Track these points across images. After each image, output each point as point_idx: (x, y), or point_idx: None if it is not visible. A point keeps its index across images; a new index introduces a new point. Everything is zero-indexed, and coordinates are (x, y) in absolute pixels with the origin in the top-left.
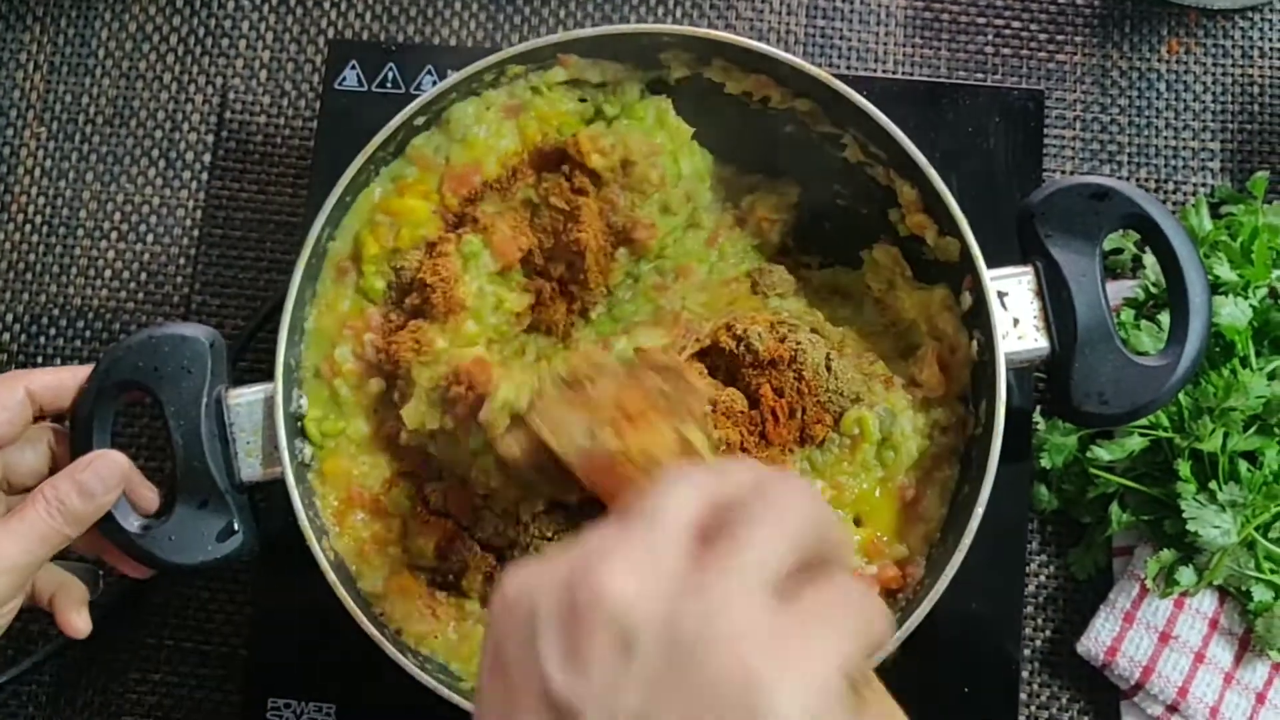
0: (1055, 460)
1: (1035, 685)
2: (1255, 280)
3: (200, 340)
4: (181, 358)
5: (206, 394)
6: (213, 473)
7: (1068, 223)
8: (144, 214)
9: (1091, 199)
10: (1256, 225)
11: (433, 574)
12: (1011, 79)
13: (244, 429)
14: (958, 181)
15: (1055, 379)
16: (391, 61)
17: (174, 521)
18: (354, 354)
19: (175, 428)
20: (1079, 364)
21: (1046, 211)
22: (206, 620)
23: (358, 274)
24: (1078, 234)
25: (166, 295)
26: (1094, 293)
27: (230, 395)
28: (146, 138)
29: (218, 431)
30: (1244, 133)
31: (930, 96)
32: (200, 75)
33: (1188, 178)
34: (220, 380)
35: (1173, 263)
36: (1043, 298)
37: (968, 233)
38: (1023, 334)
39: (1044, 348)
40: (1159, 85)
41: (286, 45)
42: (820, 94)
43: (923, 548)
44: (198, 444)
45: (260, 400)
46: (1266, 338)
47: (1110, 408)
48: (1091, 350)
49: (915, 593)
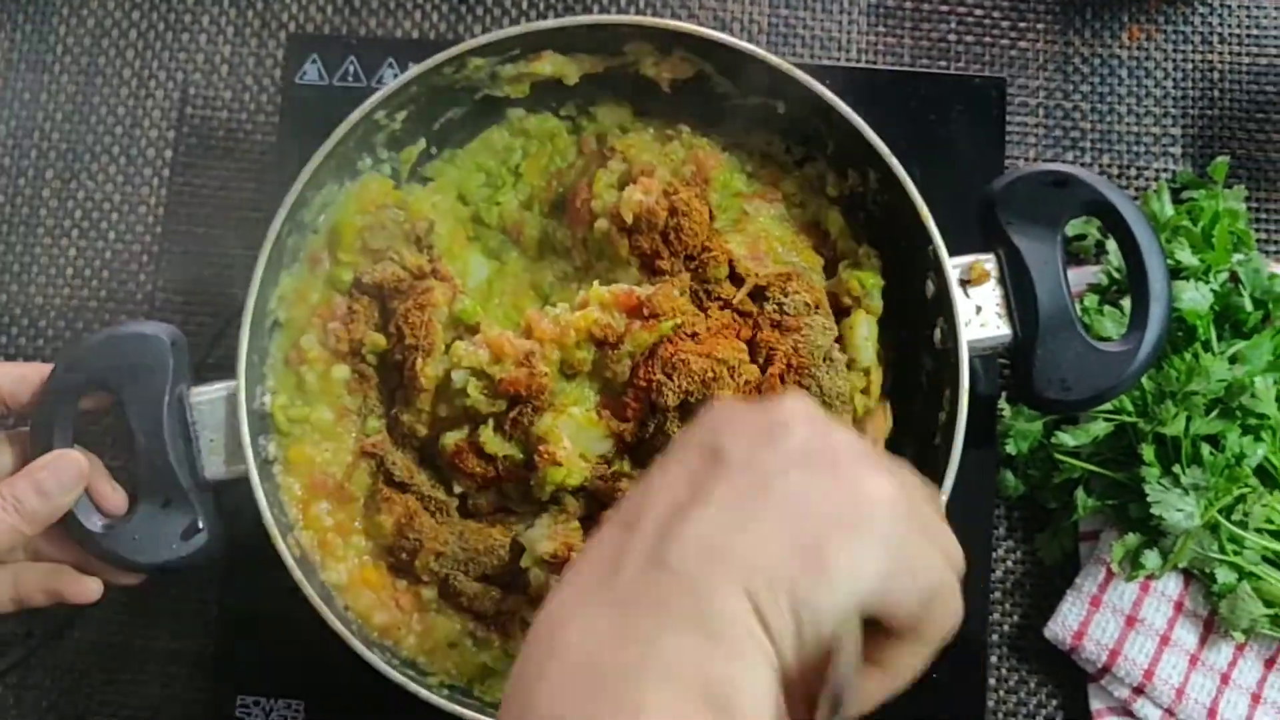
0: (1021, 446)
1: (1004, 670)
2: (1216, 265)
3: (161, 338)
4: (143, 356)
5: (169, 392)
6: (176, 471)
7: (1029, 210)
8: (105, 211)
9: (1052, 186)
10: (1217, 210)
11: (391, 556)
12: (974, 67)
13: (207, 426)
14: (920, 170)
15: (1018, 366)
16: (352, 55)
17: (137, 521)
18: (319, 342)
19: (137, 426)
20: (1041, 351)
21: (1008, 199)
22: (173, 619)
23: (331, 262)
24: (1039, 221)
25: (130, 293)
26: (1055, 280)
27: (193, 393)
28: (107, 134)
29: (180, 430)
30: (1204, 118)
31: (892, 85)
32: (160, 71)
33: (1149, 163)
34: (183, 378)
35: (1133, 249)
36: (1005, 285)
37: (929, 221)
38: (985, 321)
39: (1006, 335)
40: (1120, 72)
41: (247, 40)
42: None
43: None
44: (160, 442)
45: (223, 397)
46: (1227, 321)
47: (1073, 394)
48: (1053, 337)
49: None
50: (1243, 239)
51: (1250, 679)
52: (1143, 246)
